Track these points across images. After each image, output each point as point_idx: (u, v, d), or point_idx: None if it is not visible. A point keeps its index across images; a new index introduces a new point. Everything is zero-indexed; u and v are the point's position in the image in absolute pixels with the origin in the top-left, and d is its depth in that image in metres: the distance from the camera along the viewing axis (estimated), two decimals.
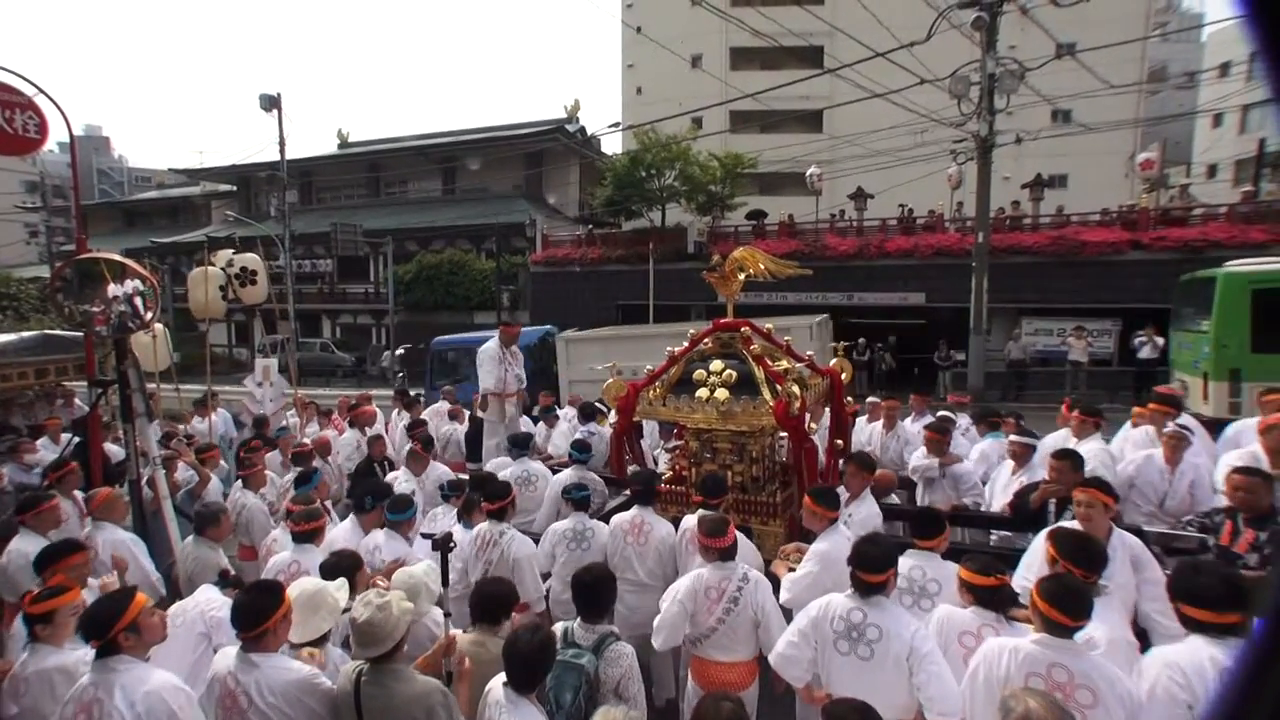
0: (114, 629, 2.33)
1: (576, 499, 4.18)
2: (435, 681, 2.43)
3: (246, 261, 7.79)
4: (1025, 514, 4.00)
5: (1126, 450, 4.97)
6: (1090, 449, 4.48)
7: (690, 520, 3.90)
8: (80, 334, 5.92)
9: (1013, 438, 4.88)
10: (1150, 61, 27.31)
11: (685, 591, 3.07)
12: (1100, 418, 4.92)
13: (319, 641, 2.67)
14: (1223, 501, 3.53)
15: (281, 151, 22.58)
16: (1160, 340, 14.47)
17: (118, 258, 4.67)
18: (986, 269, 14.87)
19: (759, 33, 14.15)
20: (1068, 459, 3.72)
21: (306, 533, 3.67)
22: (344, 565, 3.15)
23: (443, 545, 2.82)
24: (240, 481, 5.18)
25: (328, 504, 4.60)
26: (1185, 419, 4.89)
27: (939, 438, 5.12)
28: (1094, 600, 2.29)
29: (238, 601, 2.51)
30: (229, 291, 7.62)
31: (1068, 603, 2.16)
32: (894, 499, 4.94)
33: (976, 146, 14.56)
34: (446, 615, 2.81)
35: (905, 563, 3.09)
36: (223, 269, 7.61)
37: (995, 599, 2.54)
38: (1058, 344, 16.54)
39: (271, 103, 22.01)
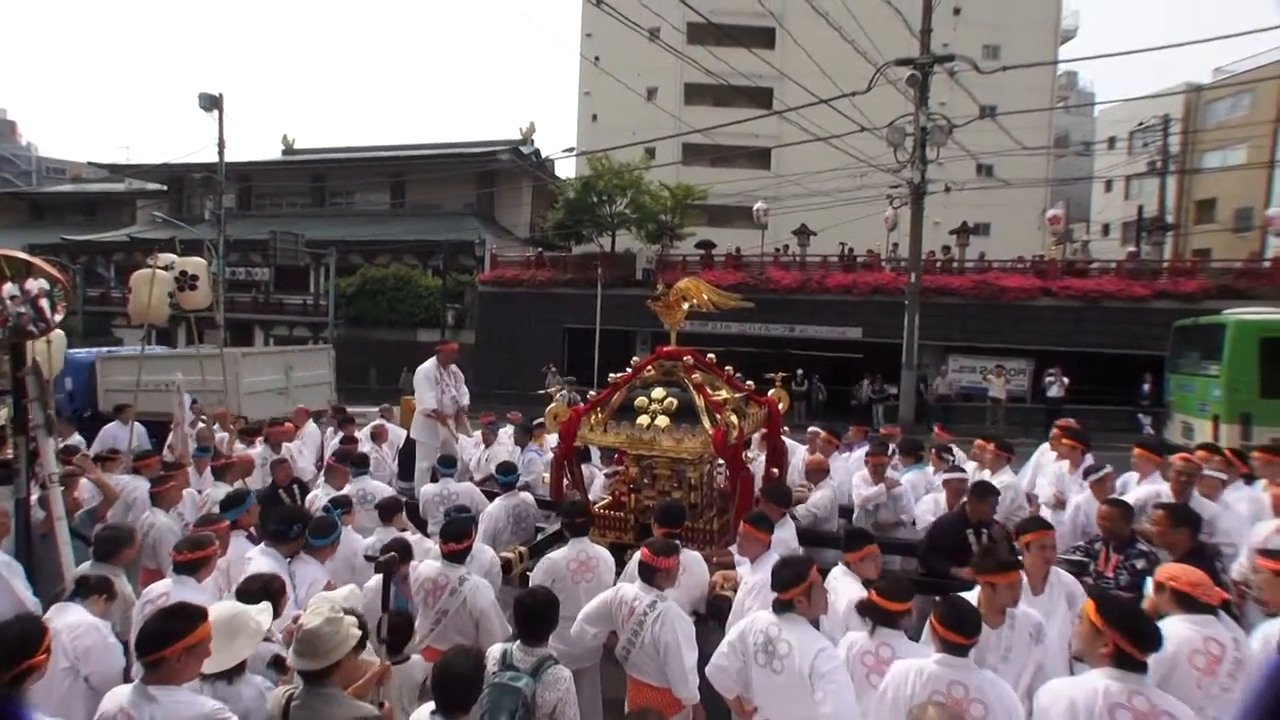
0: (21, 666, 2.04)
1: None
2: (369, 707, 2.36)
3: (188, 265, 7.41)
4: (943, 544, 4.22)
5: (1041, 485, 5.32)
6: (1001, 481, 4.80)
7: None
8: None
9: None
10: (1056, 129, 30.35)
11: (601, 599, 3.22)
12: (1011, 453, 5.31)
13: (234, 672, 2.51)
14: None
15: (220, 153, 21.66)
16: (1066, 380, 15.59)
17: (22, 255, 4.35)
18: (918, 308, 15.71)
19: (711, 72, 14.69)
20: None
21: (188, 563, 3.25)
22: (264, 589, 2.97)
23: (387, 568, 2.74)
24: (150, 499, 4.86)
25: (253, 530, 4.32)
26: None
27: (883, 459, 5.29)
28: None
29: (144, 624, 2.35)
30: (173, 296, 7.23)
31: (961, 624, 2.41)
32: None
33: (910, 192, 15.47)
34: (383, 641, 2.72)
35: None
36: (163, 269, 7.20)
37: (898, 621, 2.71)
38: (980, 380, 17.57)
39: (212, 102, 21.18)
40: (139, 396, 7.67)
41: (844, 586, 3.23)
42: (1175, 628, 2.54)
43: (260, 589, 2.96)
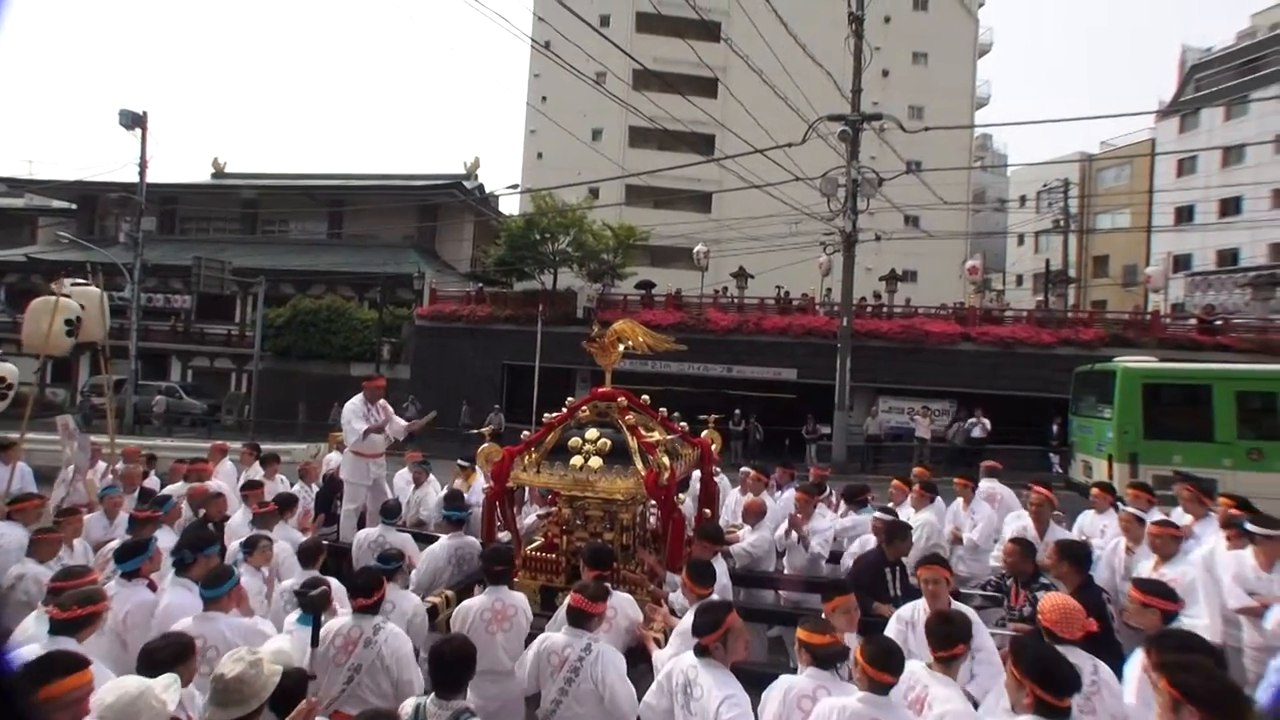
0: None
1: (390, 570, 3.89)
2: None
3: (77, 295, 6.95)
4: (864, 582, 4.32)
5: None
6: (922, 519, 5.02)
7: None
8: None
9: None
10: (974, 186, 32.99)
11: (530, 653, 3.19)
12: (934, 493, 5.57)
13: None
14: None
15: (141, 173, 20.67)
16: (987, 422, 16.47)
17: None
18: (850, 350, 16.38)
19: (654, 120, 15.21)
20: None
21: (67, 622, 2.72)
22: (167, 655, 2.47)
23: (315, 605, 2.68)
24: (28, 548, 4.36)
25: (154, 578, 3.96)
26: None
27: (809, 498, 5.33)
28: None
29: None
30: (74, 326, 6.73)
31: (885, 662, 2.46)
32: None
33: (842, 240, 16.32)
34: (311, 678, 2.63)
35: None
36: (64, 296, 6.72)
37: (829, 657, 2.72)
38: (907, 421, 18.34)
39: (135, 120, 20.30)
40: None
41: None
42: None
43: (170, 656, 2.48)
